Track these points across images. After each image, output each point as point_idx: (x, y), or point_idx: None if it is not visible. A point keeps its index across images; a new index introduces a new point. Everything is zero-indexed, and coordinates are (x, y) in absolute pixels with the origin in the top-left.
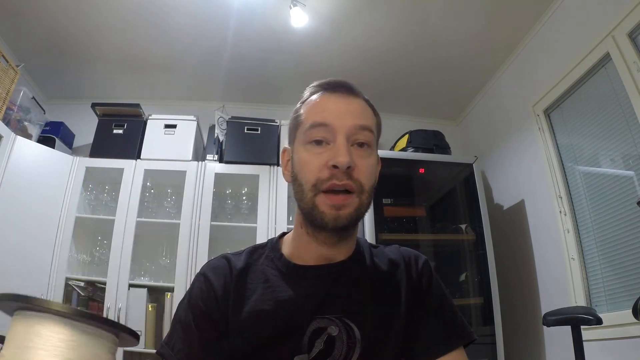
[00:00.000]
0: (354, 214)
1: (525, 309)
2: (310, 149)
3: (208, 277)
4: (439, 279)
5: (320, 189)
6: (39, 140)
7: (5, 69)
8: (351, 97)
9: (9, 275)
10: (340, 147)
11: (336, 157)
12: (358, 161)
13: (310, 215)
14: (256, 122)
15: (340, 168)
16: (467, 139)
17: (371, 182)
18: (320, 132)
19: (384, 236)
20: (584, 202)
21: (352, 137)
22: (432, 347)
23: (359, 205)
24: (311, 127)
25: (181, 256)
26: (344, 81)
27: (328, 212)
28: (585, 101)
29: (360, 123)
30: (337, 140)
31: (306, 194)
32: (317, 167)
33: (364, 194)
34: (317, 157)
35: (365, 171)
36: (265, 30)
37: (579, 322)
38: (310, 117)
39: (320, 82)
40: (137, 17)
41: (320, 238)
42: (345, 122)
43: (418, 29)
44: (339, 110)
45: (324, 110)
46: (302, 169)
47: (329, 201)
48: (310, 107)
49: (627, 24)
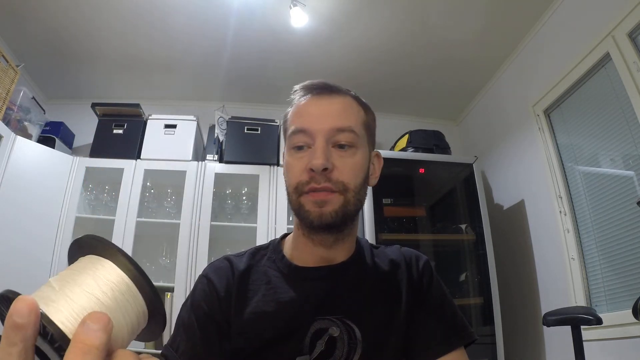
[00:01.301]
0: (340, 210)
1: (525, 309)
2: (293, 153)
3: (210, 278)
4: (440, 279)
5: (302, 191)
6: (39, 140)
7: (5, 69)
8: (333, 97)
9: (9, 275)
10: (317, 150)
11: (312, 161)
12: (338, 162)
13: (298, 216)
14: (256, 122)
15: (315, 171)
16: (467, 139)
17: (357, 180)
18: (300, 138)
19: (384, 236)
20: (584, 202)
21: (331, 139)
22: (432, 347)
23: (344, 203)
24: (292, 133)
25: (181, 256)
26: (325, 82)
27: (312, 210)
28: (585, 101)
29: (339, 125)
30: (316, 144)
31: (291, 196)
32: (298, 171)
33: (349, 192)
34: (299, 161)
35: (346, 171)
36: (265, 30)
37: (579, 322)
38: (292, 122)
39: (304, 85)
40: (137, 17)
41: (316, 239)
42: (323, 125)
43: (418, 29)
44: (318, 113)
45: (303, 115)
46: (287, 173)
47: (311, 198)
48: (294, 112)
49: (627, 24)
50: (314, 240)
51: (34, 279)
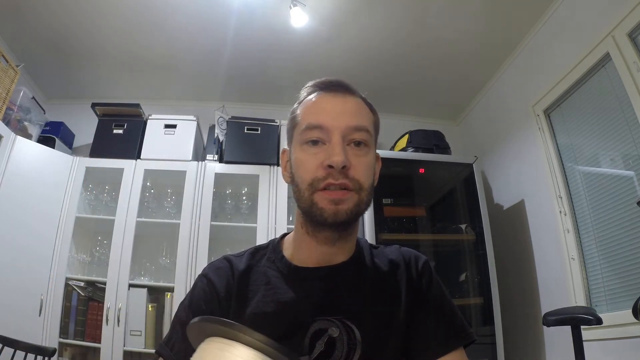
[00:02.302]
0: (354, 209)
1: (525, 309)
2: (307, 149)
3: (210, 278)
4: (439, 280)
5: (317, 188)
6: (39, 140)
7: (5, 69)
8: (347, 96)
9: (9, 275)
10: (335, 147)
11: (331, 157)
12: (354, 160)
13: (309, 213)
14: (256, 122)
15: (335, 167)
16: (467, 139)
17: (370, 180)
18: (315, 133)
19: (384, 236)
20: (584, 202)
21: (347, 137)
22: (432, 347)
23: (358, 201)
24: (307, 128)
25: (181, 256)
26: (340, 80)
27: (327, 207)
28: (585, 101)
29: (356, 123)
30: (333, 140)
31: (303, 193)
32: (313, 167)
33: (363, 191)
34: (313, 156)
35: (362, 169)
36: (265, 30)
37: (579, 322)
38: (306, 118)
39: (316, 82)
40: (138, 17)
41: (320, 237)
42: (340, 122)
43: (418, 29)
44: (334, 110)
45: (319, 112)
46: (299, 169)
47: (327, 196)
48: (306, 107)
49: (627, 24)
50: (319, 237)
51: (34, 279)
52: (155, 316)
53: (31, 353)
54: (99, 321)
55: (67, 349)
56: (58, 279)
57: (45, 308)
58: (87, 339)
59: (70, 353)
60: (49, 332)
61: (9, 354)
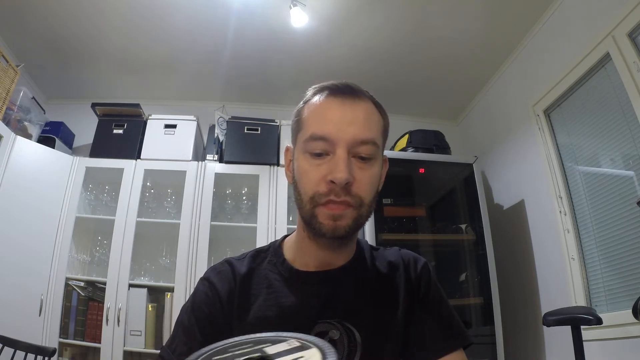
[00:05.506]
0: (352, 225)
1: (525, 309)
2: (310, 159)
3: (213, 282)
4: (438, 282)
5: (318, 202)
6: (39, 140)
7: (5, 69)
8: (356, 101)
9: (9, 275)
10: (339, 162)
11: (334, 173)
12: (358, 174)
13: (309, 225)
14: (256, 122)
15: (337, 184)
16: (467, 139)
17: (372, 195)
18: (319, 145)
19: (384, 236)
20: (584, 202)
21: (353, 150)
22: (428, 350)
23: (357, 217)
24: (311, 138)
25: (181, 256)
26: (349, 83)
27: (326, 222)
28: (585, 101)
29: (362, 137)
30: (337, 153)
31: (305, 204)
32: (315, 180)
33: (364, 207)
34: (316, 168)
35: (365, 184)
36: (265, 30)
37: (579, 322)
38: (311, 125)
39: (324, 84)
40: (138, 17)
41: (320, 243)
42: (346, 134)
43: (418, 29)
44: (341, 120)
45: (325, 120)
46: (301, 179)
47: (328, 211)
48: (312, 110)
49: (627, 24)
50: (319, 243)
51: (34, 279)
52: (155, 316)
53: (31, 353)
54: (99, 321)
55: (67, 349)
56: (58, 278)
57: (45, 308)
58: (87, 339)
59: (70, 353)
60: (49, 332)
61: (9, 354)
